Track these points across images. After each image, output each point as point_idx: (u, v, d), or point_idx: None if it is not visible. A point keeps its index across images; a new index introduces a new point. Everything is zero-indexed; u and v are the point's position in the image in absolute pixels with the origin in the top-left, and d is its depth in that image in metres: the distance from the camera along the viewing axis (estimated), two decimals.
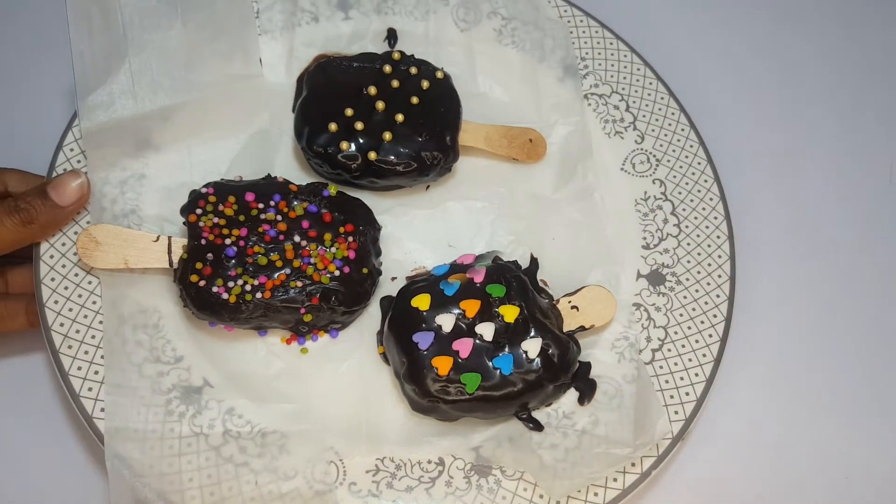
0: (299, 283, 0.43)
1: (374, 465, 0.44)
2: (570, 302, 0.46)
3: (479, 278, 0.44)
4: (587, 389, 0.45)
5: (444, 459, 0.44)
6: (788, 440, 0.48)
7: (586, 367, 0.46)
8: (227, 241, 0.44)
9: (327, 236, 0.45)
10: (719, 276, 0.49)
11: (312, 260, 0.44)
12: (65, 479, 0.46)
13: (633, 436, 0.43)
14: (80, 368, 0.44)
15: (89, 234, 0.45)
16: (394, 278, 0.48)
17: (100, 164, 0.49)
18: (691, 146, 0.54)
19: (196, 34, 0.51)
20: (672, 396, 0.46)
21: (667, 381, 0.46)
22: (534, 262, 0.49)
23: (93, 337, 0.45)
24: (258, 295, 0.43)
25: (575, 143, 0.53)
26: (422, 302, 0.44)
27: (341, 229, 0.46)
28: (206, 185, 0.46)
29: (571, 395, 0.45)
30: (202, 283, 0.42)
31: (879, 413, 0.49)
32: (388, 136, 0.48)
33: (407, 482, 0.43)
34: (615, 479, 0.43)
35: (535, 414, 0.45)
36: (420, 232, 0.51)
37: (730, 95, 0.61)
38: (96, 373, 0.44)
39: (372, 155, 0.48)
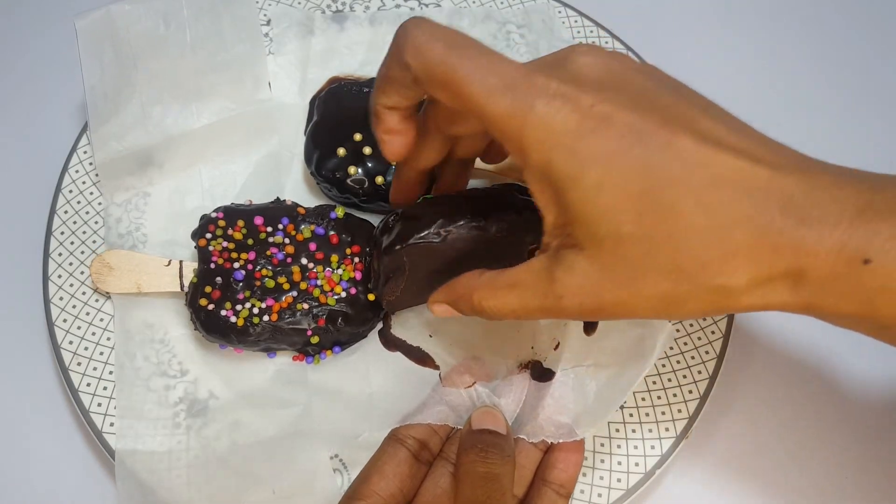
0: (305, 306, 0.44)
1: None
2: None
3: None
4: None
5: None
6: (791, 437, 0.48)
7: None
8: (236, 265, 0.44)
9: (334, 258, 0.45)
10: None
11: (319, 282, 0.45)
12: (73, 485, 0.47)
13: (643, 358, 0.41)
14: (89, 385, 0.45)
15: (102, 259, 0.46)
16: None
17: (114, 193, 0.50)
18: None
19: (205, 61, 0.52)
20: (675, 395, 0.45)
21: (669, 380, 0.46)
22: None
23: (101, 354, 0.46)
24: (265, 318, 0.43)
25: None
26: None
27: (348, 251, 0.46)
28: (216, 210, 0.46)
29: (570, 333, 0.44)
30: (211, 306, 0.43)
31: (882, 411, 0.49)
32: None
33: None
34: (619, 480, 0.43)
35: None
36: None
37: (728, 93, 0.60)
38: (105, 388, 0.45)
39: (379, 179, 0.48)
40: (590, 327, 0.44)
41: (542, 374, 0.44)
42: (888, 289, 0.28)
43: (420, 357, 0.46)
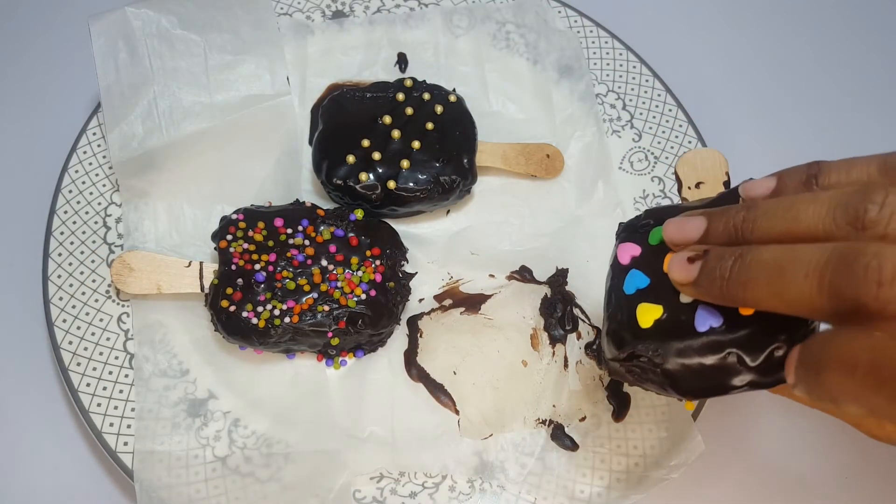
0: (326, 308, 0.44)
1: (377, 472, 0.44)
2: None
3: None
4: (621, 404, 0.45)
5: (447, 465, 0.44)
6: (790, 436, 0.48)
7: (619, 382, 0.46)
8: (257, 267, 0.44)
9: (354, 260, 0.46)
10: None
11: (339, 284, 0.45)
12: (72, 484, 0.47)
13: (667, 456, 0.44)
14: (88, 385, 0.45)
15: (123, 260, 0.46)
16: (421, 300, 0.49)
17: (133, 193, 0.49)
18: (689, 142, 0.54)
19: (221, 58, 0.52)
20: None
21: None
22: (560, 273, 0.49)
23: (101, 354, 0.46)
24: (286, 319, 0.43)
25: (592, 157, 0.54)
26: None
27: (368, 252, 0.46)
28: (236, 212, 0.46)
29: (599, 413, 0.46)
30: (232, 308, 0.43)
31: None
32: (405, 163, 0.49)
33: (411, 488, 0.44)
34: (618, 480, 0.43)
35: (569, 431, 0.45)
36: (443, 253, 0.50)
37: (727, 91, 0.61)
38: (104, 388, 0.45)
39: (391, 184, 0.48)
40: (619, 414, 0.45)
41: (565, 439, 0.45)
42: None
43: (440, 396, 0.46)
